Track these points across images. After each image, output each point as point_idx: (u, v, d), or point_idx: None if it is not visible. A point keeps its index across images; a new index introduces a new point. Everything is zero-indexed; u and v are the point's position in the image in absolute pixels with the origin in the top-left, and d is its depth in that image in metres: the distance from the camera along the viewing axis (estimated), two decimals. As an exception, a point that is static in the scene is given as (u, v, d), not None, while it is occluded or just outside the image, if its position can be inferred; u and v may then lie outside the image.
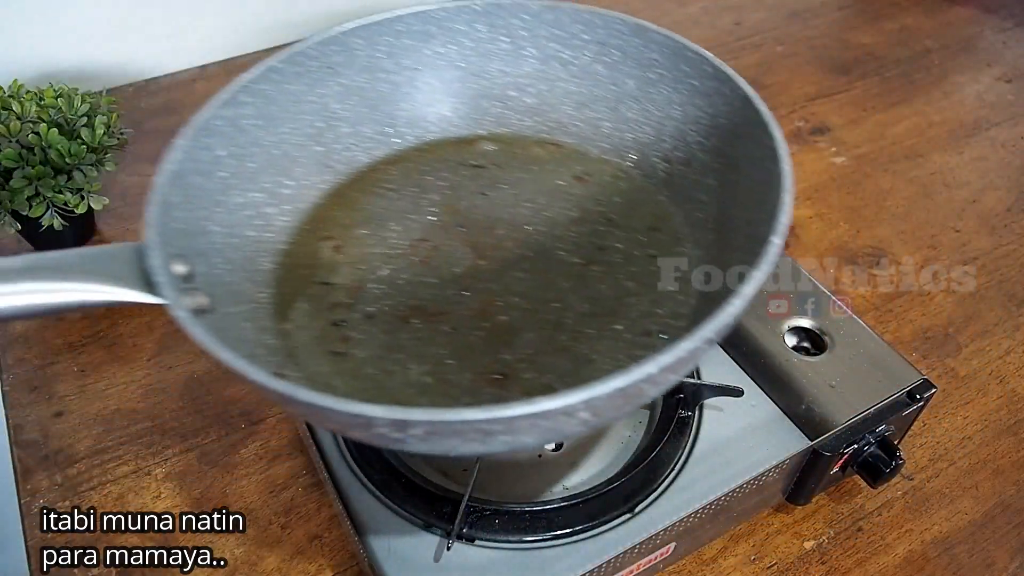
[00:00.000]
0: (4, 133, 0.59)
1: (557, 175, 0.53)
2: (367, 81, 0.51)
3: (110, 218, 0.72)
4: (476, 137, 0.55)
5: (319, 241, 0.48)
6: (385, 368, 0.42)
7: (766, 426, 0.48)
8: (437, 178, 0.52)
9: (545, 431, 0.33)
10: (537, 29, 0.53)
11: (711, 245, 0.47)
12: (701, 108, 0.49)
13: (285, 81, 0.47)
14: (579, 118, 0.54)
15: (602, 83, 0.53)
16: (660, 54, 0.50)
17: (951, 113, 0.88)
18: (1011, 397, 0.60)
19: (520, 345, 0.43)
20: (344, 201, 0.51)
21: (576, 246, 0.48)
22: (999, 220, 0.75)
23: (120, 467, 0.54)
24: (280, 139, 0.47)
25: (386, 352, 0.43)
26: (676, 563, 0.50)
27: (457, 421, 0.29)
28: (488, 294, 0.46)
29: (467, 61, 0.54)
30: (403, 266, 0.47)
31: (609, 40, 0.52)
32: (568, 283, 0.46)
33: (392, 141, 0.53)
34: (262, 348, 0.42)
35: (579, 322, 0.44)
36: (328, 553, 0.50)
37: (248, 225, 0.46)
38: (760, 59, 0.96)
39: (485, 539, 0.42)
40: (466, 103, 0.55)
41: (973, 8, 1.06)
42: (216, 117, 0.43)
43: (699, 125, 0.49)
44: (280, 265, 0.47)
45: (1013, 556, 0.51)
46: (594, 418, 0.33)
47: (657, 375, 0.31)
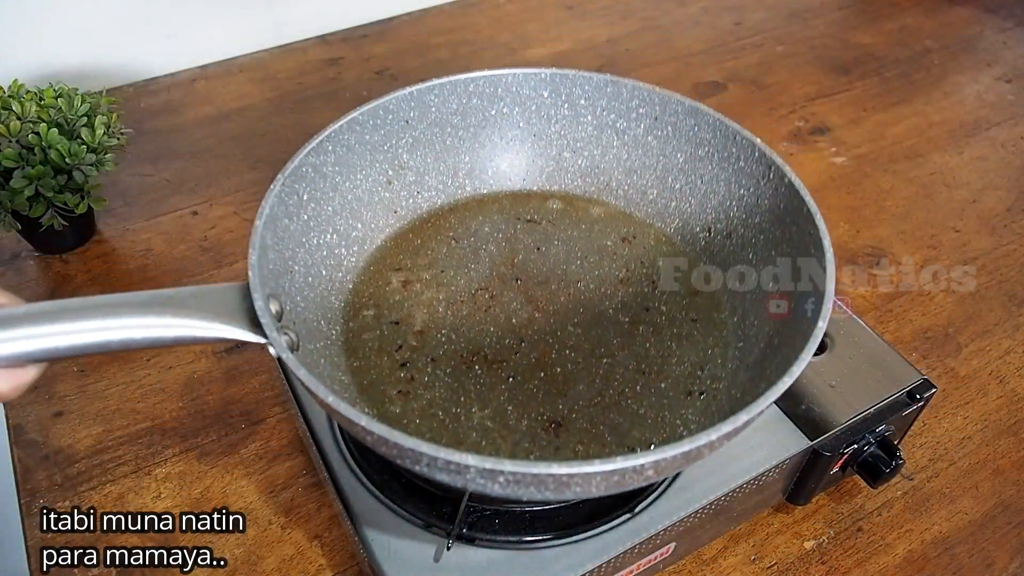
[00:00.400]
0: (4, 133, 0.59)
1: (605, 235, 0.56)
2: (436, 135, 0.55)
3: (110, 218, 0.72)
4: (530, 192, 0.59)
5: (385, 283, 0.52)
6: (451, 411, 0.45)
7: (766, 426, 0.48)
8: (494, 229, 0.56)
9: (612, 484, 0.35)
10: (597, 99, 0.57)
11: (748, 312, 0.50)
12: (745, 188, 0.51)
13: (365, 132, 0.51)
14: (627, 183, 0.58)
15: (652, 154, 0.56)
16: (711, 134, 0.53)
17: (951, 113, 0.88)
18: (1011, 397, 0.60)
19: (573, 396, 0.47)
20: (407, 245, 0.55)
21: (623, 305, 0.52)
22: (999, 220, 0.75)
23: (120, 467, 0.54)
24: (355, 185, 0.52)
25: (451, 395, 0.46)
26: (676, 563, 0.50)
27: (545, 474, 0.32)
28: (544, 345, 0.49)
29: (528, 122, 0.58)
30: (465, 313, 0.51)
31: (664, 116, 0.55)
32: (617, 339, 0.50)
33: (452, 191, 0.58)
34: (337, 384, 0.45)
35: (627, 378, 0.47)
36: (328, 553, 0.50)
37: (323, 264, 0.49)
38: (760, 59, 0.96)
39: (485, 539, 0.42)
40: (523, 160, 0.59)
41: (973, 8, 1.06)
42: (304, 164, 0.47)
43: (742, 203, 0.52)
44: (348, 304, 0.51)
45: (1013, 556, 0.51)
46: (656, 475, 0.36)
47: (716, 441, 0.35)
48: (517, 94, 0.57)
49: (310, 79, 0.90)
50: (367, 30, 0.99)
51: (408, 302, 0.51)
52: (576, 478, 0.33)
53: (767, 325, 0.47)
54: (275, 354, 0.35)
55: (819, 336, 0.38)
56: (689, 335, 0.50)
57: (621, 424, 0.45)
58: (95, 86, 0.70)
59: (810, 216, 0.45)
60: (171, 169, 0.78)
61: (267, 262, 0.41)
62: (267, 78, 0.90)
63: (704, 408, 0.46)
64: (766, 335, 0.47)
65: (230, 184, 0.76)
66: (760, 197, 0.50)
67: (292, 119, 0.84)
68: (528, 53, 0.96)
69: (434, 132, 0.55)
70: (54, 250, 0.69)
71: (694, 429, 0.45)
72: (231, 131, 0.83)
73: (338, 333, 0.49)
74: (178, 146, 0.80)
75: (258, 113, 0.85)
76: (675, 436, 0.45)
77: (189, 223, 0.72)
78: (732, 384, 0.46)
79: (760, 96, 0.90)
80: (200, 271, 0.68)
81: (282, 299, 0.43)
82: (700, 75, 0.93)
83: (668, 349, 0.49)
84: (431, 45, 0.97)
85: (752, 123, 0.86)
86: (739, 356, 0.48)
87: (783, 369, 0.37)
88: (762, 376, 0.44)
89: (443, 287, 0.52)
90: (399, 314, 0.50)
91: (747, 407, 0.35)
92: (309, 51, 0.95)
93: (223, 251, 0.70)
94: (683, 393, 0.47)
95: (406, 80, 0.90)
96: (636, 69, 0.93)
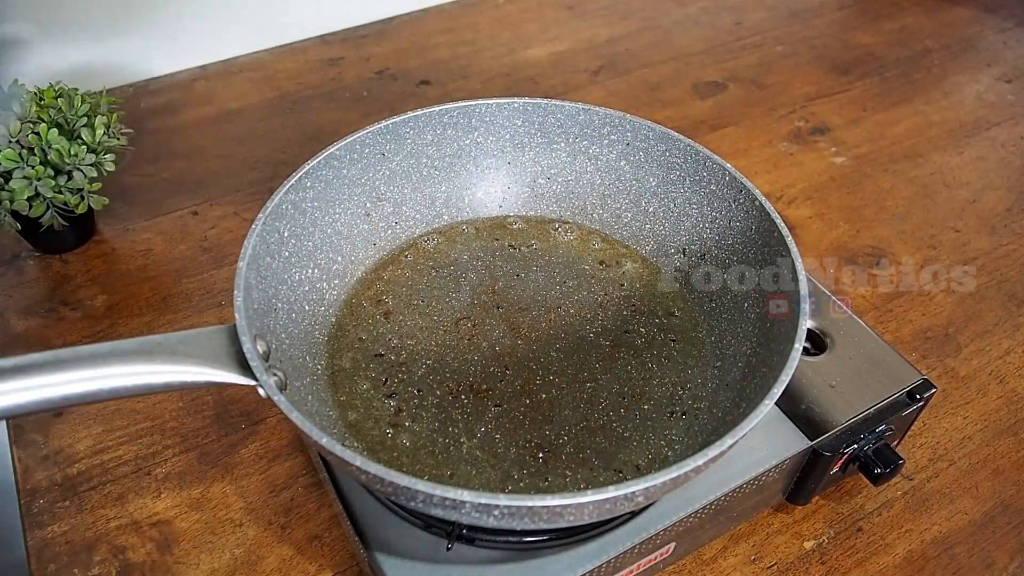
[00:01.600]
0: (4, 133, 0.59)
1: (582, 260, 0.57)
2: (412, 166, 0.56)
3: (110, 218, 0.72)
4: (507, 219, 0.60)
5: (367, 315, 0.53)
6: (439, 442, 0.46)
7: (766, 426, 0.48)
8: (473, 257, 0.57)
9: (604, 512, 0.36)
10: (569, 127, 0.58)
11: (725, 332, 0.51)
12: (717, 210, 0.53)
13: (342, 166, 0.52)
14: (602, 207, 0.59)
15: (626, 178, 0.58)
16: (682, 159, 0.54)
17: (951, 113, 0.88)
18: (1011, 397, 0.60)
19: (559, 421, 0.47)
20: (387, 276, 0.56)
21: (604, 329, 0.53)
22: (999, 220, 0.75)
23: (120, 467, 0.54)
24: (334, 219, 0.52)
25: (439, 425, 0.47)
26: (676, 563, 0.50)
27: (539, 507, 0.33)
28: (528, 372, 0.50)
29: (503, 151, 0.59)
30: (449, 342, 0.52)
31: (635, 142, 0.56)
32: (599, 363, 0.51)
33: (430, 220, 0.58)
34: (325, 420, 0.45)
35: (611, 402, 0.48)
36: (328, 553, 0.50)
37: (305, 300, 0.50)
38: (760, 59, 0.96)
39: (485, 539, 0.42)
40: (499, 188, 0.60)
41: (973, 8, 1.06)
42: (284, 201, 0.47)
43: (715, 225, 0.53)
44: (332, 338, 0.51)
45: (1013, 556, 0.51)
46: (646, 500, 0.37)
47: (703, 465, 0.36)
48: (491, 123, 0.58)
49: (310, 79, 0.90)
50: (367, 30, 0.99)
51: (391, 333, 0.52)
52: (569, 508, 0.34)
53: (744, 345, 0.48)
54: (264, 395, 0.36)
55: (795, 359, 0.39)
56: (669, 356, 0.51)
57: (607, 448, 0.46)
58: (95, 86, 0.70)
59: (781, 239, 0.46)
60: (171, 169, 0.78)
61: (252, 302, 0.41)
62: (267, 78, 0.90)
63: (687, 428, 0.47)
64: (744, 355, 0.48)
65: (230, 184, 0.76)
66: (732, 219, 0.52)
67: (292, 119, 0.85)
68: (528, 53, 0.96)
69: (410, 163, 0.56)
70: (54, 250, 0.69)
71: (679, 450, 0.46)
72: (231, 131, 0.83)
73: (323, 368, 0.49)
74: (178, 146, 0.80)
75: (258, 113, 0.85)
76: (661, 457, 0.46)
77: (189, 223, 0.72)
78: (713, 404, 0.47)
79: (760, 96, 0.90)
80: (200, 271, 0.68)
81: (268, 338, 0.43)
82: (700, 75, 0.93)
83: (649, 371, 0.50)
84: (431, 45, 0.97)
85: (752, 123, 0.86)
86: (718, 376, 0.49)
87: (764, 390, 0.38)
88: (742, 396, 0.45)
89: (425, 317, 0.53)
90: (383, 346, 0.51)
91: (732, 430, 0.36)
92: (309, 51, 0.95)
93: (223, 251, 0.70)
94: (666, 414, 0.48)
95: (406, 80, 0.90)
96: (636, 69, 0.93)
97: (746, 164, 0.80)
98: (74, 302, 0.65)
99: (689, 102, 0.89)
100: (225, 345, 0.38)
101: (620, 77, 0.92)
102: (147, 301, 0.65)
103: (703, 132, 0.84)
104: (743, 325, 0.49)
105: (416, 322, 0.53)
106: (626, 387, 0.49)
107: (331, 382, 0.49)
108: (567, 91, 0.89)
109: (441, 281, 0.55)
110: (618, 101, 0.88)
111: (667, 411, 0.48)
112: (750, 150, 0.82)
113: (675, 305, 0.54)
